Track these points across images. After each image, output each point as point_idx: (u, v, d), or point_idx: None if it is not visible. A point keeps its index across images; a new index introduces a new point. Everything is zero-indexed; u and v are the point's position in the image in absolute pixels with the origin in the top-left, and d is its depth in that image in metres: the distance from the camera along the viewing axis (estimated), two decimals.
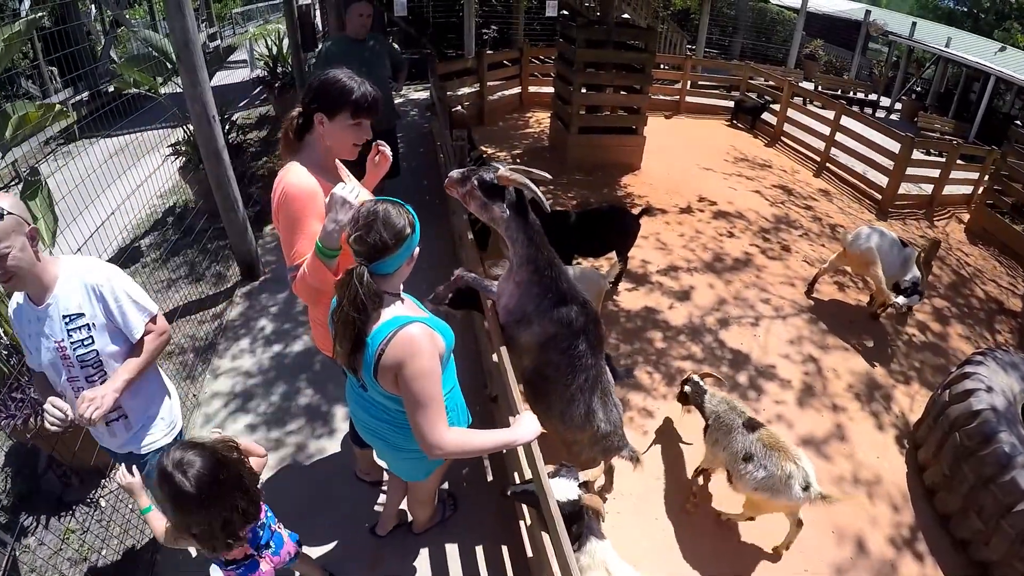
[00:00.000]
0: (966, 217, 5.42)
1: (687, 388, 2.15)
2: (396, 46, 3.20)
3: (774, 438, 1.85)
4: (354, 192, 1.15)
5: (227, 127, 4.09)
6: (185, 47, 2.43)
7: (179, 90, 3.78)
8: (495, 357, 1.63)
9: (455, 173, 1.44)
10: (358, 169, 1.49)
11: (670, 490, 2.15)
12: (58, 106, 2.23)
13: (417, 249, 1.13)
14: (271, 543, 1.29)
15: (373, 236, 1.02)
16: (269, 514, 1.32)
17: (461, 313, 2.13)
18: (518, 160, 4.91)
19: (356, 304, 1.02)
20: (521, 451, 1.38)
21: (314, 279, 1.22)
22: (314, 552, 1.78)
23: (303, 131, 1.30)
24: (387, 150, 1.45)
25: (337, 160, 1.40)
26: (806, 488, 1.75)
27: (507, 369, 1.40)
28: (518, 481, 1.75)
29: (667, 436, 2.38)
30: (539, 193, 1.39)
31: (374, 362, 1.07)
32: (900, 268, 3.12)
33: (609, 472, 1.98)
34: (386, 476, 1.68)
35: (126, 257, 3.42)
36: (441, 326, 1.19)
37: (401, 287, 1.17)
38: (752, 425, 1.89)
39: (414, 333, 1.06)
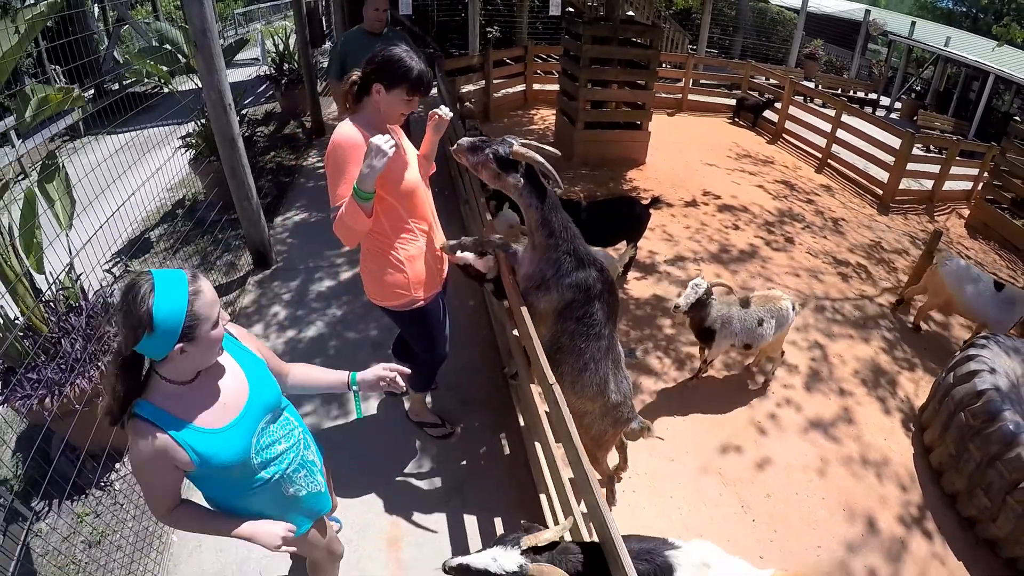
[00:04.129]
0: (966, 212, 5.49)
1: (701, 295, 2.17)
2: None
3: (763, 295, 2.40)
4: (389, 143, 1.29)
5: (239, 120, 4.12)
6: (203, 35, 2.47)
7: (187, 87, 3.85)
8: (515, 332, 1.66)
9: (464, 141, 1.48)
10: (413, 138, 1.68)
11: (683, 469, 2.18)
12: (76, 91, 2.26)
13: (181, 343, 0.89)
14: None
15: (119, 321, 0.89)
16: None
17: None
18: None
19: (111, 374, 0.92)
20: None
21: (350, 219, 1.37)
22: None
23: (360, 94, 1.46)
24: (446, 112, 1.56)
25: (395, 128, 1.54)
26: (793, 308, 2.45)
27: (531, 334, 1.42)
28: (542, 461, 1.76)
29: (679, 418, 2.41)
30: (550, 168, 1.42)
31: None
32: (999, 310, 2.94)
33: (623, 449, 2.01)
34: None
35: (136, 248, 3.45)
36: (210, 446, 0.96)
37: (200, 367, 0.97)
38: (746, 302, 2.34)
39: (140, 433, 0.92)
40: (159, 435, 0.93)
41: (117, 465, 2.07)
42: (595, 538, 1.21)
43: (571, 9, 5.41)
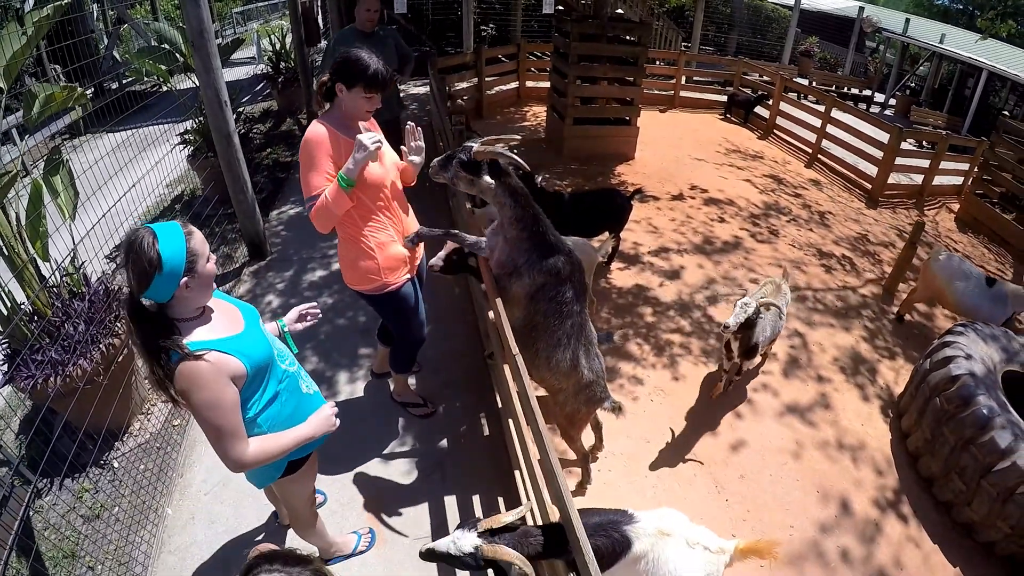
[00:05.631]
0: (956, 207, 5.52)
1: (750, 314, 2.18)
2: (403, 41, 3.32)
3: (773, 287, 2.59)
4: (371, 139, 1.47)
5: (235, 117, 4.21)
6: (200, 35, 2.56)
7: (185, 85, 3.94)
8: (491, 314, 1.74)
9: (435, 163, 1.59)
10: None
11: (658, 450, 2.24)
12: (80, 89, 2.35)
13: (188, 278, 1.03)
14: None
15: (128, 271, 1.01)
16: None
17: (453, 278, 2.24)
18: (514, 148, 5.08)
19: (130, 330, 1.05)
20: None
21: (334, 203, 1.50)
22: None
23: (330, 95, 1.60)
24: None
25: (369, 123, 1.69)
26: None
27: (502, 316, 1.50)
28: (515, 439, 1.85)
29: (655, 402, 2.48)
30: (515, 157, 1.51)
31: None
32: (991, 305, 2.94)
33: (598, 429, 2.08)
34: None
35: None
36: (244, 345, 1.12)
37: (203, 302, 1.12)
38: (768, 306, 2.37)
39: (195, 366, 1.03)
40: (209, 354, 1.05)
41: (116, 444, 2.16)
42: (559, 513, 1.28)
43: (561, 7, 5.49)
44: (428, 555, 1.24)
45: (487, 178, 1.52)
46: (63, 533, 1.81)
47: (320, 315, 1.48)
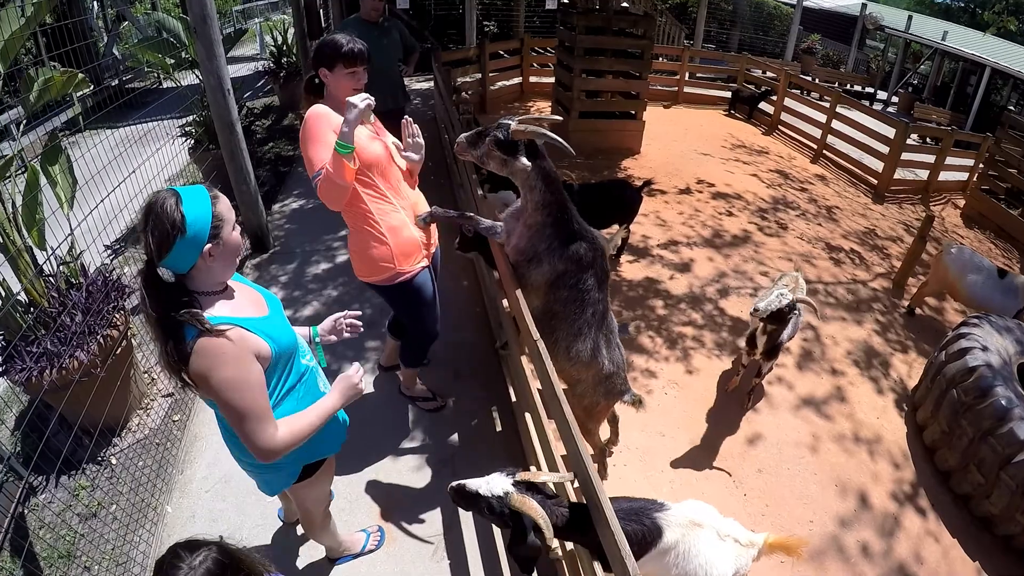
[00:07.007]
0: (962, 202, 5.50)
1: (783, 306, 2.06)
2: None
3: (792, 285, 2.45)
4: (361, 97, 1.43)
5: (239, 109, 4.14)
6: (203, 22, 2.51)
7: (187, 82, 3.88)
8: (505, 303, 1.68)
9: (463, 138, 1.50)
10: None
11: (674, 445, 2.19)
12: (80, 75, 2.29)
13: (212, 244, 0.95)
14: None
15: (146, 236, 0.93)
16: None
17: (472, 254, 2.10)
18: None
19: (144, 301, 0.94)
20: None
21: (336, 175, 1.44)
22: None
23: (320, 88, 1.60)
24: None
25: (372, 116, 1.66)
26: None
27: (521, 304, 1.44)
28: (532, 433, 1.79)
29: (669, 395, 2.43)
30: (556, 137, 1.43)
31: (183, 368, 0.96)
32: (1003, 297, 2.94)
33: (615, 423, 2.02)
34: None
35: (134, 237, 3.48)
36: (270, 327, 1.04)
37: (227, 277, 1.03)
38: (792, 304, 2.23)
39: (216, 341, 0.94)
40: (232, 330, 0.96)
41: (114, 439, 2.09)
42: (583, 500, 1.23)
43: (564, 1, 5.47)
44: (456, 491, 1.19)
45: (524, 159, 1.43)
46: (58, 532, 1.75)
47: (362, 328, 1.32)
